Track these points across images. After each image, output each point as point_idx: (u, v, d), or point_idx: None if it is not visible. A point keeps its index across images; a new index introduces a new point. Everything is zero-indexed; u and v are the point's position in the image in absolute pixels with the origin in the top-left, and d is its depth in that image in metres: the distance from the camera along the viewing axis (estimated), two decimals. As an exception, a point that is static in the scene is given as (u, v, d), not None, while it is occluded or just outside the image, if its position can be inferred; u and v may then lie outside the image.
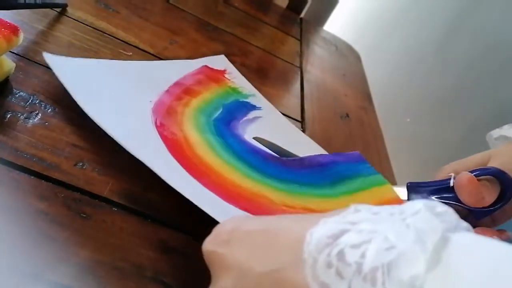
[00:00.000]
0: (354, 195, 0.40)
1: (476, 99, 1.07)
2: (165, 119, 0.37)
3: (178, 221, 0.31)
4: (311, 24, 0.84)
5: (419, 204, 0.18)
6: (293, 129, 0.49)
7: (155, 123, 0.36)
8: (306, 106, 0.55)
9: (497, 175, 0.35)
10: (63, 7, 0.46)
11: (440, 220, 0.17)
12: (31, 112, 0.32)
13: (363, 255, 0.16)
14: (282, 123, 0.49)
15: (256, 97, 0.49)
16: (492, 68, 1.04)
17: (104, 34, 0.46)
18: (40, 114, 0.32)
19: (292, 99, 0.56)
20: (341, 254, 0.16)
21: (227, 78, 0.48)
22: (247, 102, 0.47)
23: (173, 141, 0.35)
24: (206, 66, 0.47)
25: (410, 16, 1.41)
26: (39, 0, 0.41)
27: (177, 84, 0.42)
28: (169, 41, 0.51)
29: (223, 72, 0.49)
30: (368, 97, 0.70)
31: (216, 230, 0.23)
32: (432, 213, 0.17)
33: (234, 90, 0.48)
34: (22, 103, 0.32)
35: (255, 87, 0.51)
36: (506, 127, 0.39)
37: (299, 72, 0.64)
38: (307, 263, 0.17)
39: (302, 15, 0.85)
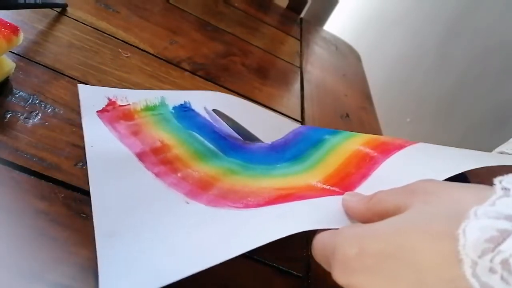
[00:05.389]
0: (331, 155, 0.34)
1: (476, 99, 1.07)
2: (210, 199, 0.30)
3: (178, 221, 0.31)
4: (311, 24, 0.84)
5: None
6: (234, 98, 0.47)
7: (224, 204, 0.30)
8: (306, 106, 0.55)
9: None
10: (63, 7, 0.46)
11: None
12: (31, 112, 0.32)
13: None
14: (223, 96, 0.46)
15: (167, 97, 0.40)
16: (492, 68, 1.04)
17: (104, 34, 0.46)
18: (40, 114, 0.32)
19: (292, 99, 0.56)
20: (506, 264, 0.16)
21: (125, 105, 0.37)
22: (174, 110, 0.40)
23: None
24: (97, 112, 0.35)
25: (410, 16, 1.41)
26: (39, 0, 0.41)
27: (139, 156, 0.33)
28: (169, 41, 0.51)
29: (113, 103, 0.37)
30: (368, 97, 0.70)
31: (338, 257, 0.20)
32: None
33: (149, 109, 0.38)
34: (22, 103, 0.32)
35: (255, 87, 0.51)
36: None
37: (299, 72, 0.63)
38: (465, 263, 0.16)
39: (302, 15, 0.85)
